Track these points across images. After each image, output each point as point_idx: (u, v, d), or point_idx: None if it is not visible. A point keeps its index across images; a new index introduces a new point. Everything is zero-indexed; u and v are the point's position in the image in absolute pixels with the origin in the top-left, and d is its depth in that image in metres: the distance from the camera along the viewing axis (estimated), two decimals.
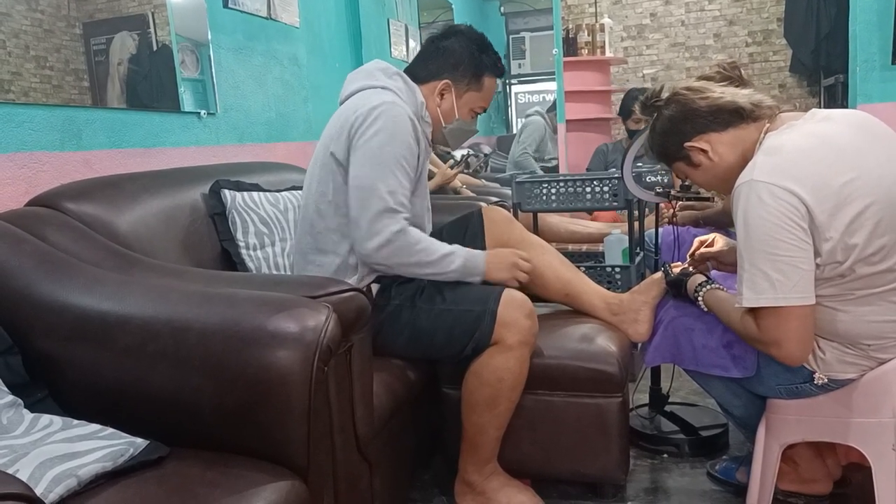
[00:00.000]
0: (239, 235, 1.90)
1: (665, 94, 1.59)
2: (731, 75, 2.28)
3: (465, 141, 2.03)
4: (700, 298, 1.67)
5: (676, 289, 1.77)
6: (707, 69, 1.70)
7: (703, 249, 1.85)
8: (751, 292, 1.38)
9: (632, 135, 3.67)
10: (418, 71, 1.88)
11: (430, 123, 1.86)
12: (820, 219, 1.33)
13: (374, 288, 1.77)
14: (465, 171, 3.75)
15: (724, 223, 2.66)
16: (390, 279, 1.77)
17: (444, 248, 1.72)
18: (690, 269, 1.78)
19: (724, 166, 1.52)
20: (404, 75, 1.85)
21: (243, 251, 1.90)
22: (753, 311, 1.42)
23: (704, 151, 1.53)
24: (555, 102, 4.59)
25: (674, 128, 1.56)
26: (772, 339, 1.40)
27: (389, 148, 1.67)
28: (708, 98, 1.52)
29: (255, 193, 2.02)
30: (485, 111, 1.96)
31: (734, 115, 1.50)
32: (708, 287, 1.67)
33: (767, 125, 1.48)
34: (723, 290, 1.65)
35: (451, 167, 3.41)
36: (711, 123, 1.51)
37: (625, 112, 3.74)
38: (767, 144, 1.43)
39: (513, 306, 1.67)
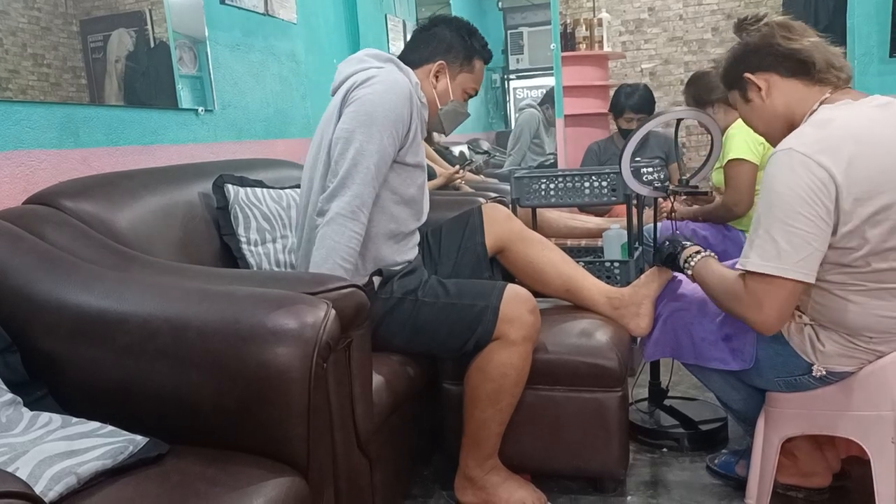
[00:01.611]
0: (241, 231, 1.90)
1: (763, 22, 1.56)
2: None
3: (459, 124, 2.04)
4: (690, 267, 1.65)
5: (668, 259, 1.75)
6: (705, 64, 1.69)
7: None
8: (757, 258, 1.38)
9: (624, 133, 3.64)
10: (411, 57, 1.89)
11: (425, 105, 1.86)
12: (846, 202, 1.32)
13: (376, 281, 1.77)
14: (470, 170, 3.75)
15: (721, 218, 2.66)
16: (392, 272, 1.77)
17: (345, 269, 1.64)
18: (684, 242, 1.74)
19: (771, 112, 1.51)
20: (397, 60, 1.85)
21: (244, 246, 1.89)
22: (745, 273, 1.42)
23: (760, 89, 1.52)
24: (546, 95, 4.59)
25: (745, 55, 1.55)
26: (755, 301, 1.40)
27: (382, 110, 1.67)
28: (791, 40, 1.49)
29: (258, 189, 2.01)
30: (476, 93, 1.98)
31: (802, 67, 1.47)
32: (702, 255, 1.64)
33: (827, 96, 1.46)
34: (714, 257, 1.64)
35: (466, 167, 3.43)
36: (779, 65, 1.49)
37: (616, 109, 3.69)
38: (819, 116, 1.42)
39: (516, 301, 1.67)
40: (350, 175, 1.64)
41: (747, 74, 1.53)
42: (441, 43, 1.88)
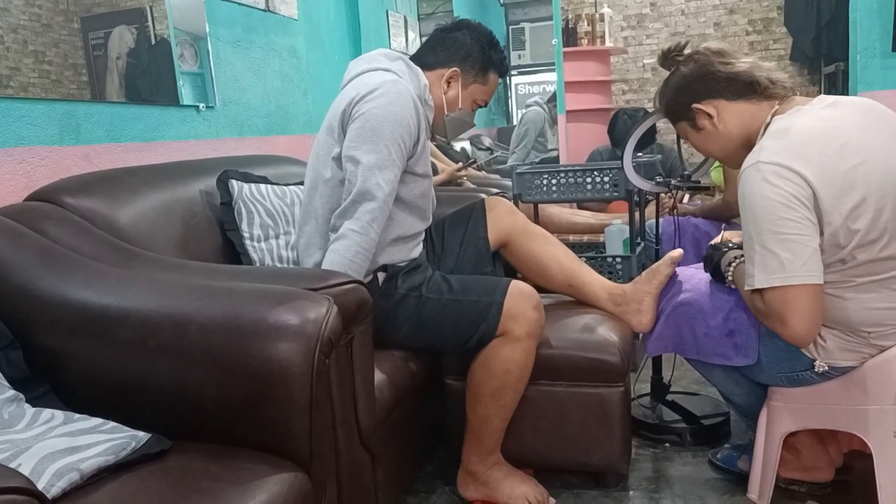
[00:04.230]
0: (244, 226, 1.90)
1: (688, 51, 1.58)
2: None
3: (463, 132, 2.03)
4: (731, 273, 1.61)
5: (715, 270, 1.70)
6: None
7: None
8: (763, 273, 1.38)
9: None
10: (426, 58, 1.88)
11: (432, 108, 1.85)
12: (824, 202, 1.33)
13: (380, 277, 1.77)
14: (474, 167, 3.76)
15: (723, 216, 2.66)
16: (397, 269, 1.77)
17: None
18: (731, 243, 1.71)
19: (726, 136, 1.52)
20: (407, 59, 1.85)
21: (247, 242, 1.89)
22: (762, 290, 1.41)
23: (710, 117, 1.52)
24: (555, 93, 4.59)
25: (687, 86, 1.55)
26: (778, 316, 1.39)
27: (388, 123, 1.66)
28: (728, 64, 1.51)
29: (262, 185, 2.01)
30: (486, 105, 1.97)
31: (748, 88, 1.49)
32: (738, 261, 1.60)
33: (776, 107, 1.47)
34: None
35: (471, 165, 3.43)
36: (724, 90, 1.51)
37: (614, 135, 3.63)
38: (775, 127, 1.43)
39: (520, 298, 1.67)
40: (361, 193, 1.64)
41: (695, 105, 1.54)
42: (460, 49, 1.87)
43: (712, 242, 1.75)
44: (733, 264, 1.61)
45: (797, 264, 1.34)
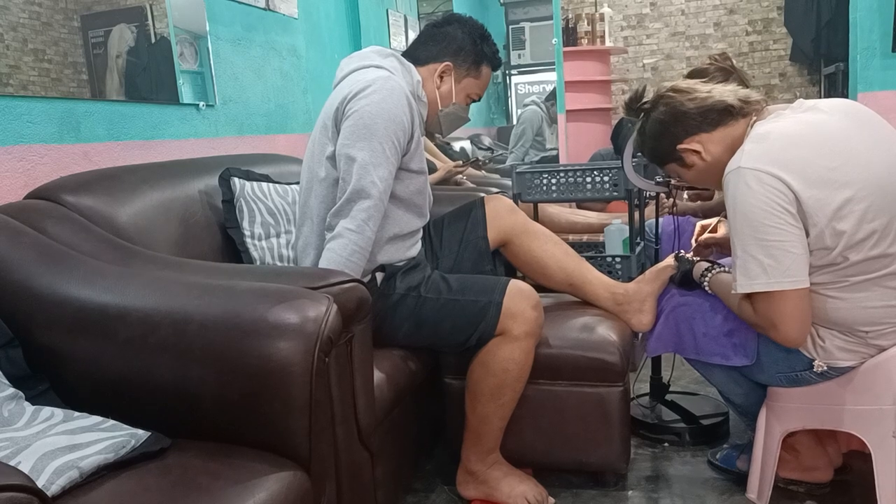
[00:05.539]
0: (245, 224, 1.89)
1: (648, 96, 1.60)
2: (724, 66, 2.29)
3: (458, 127, 2.02)
4: (706, 283, 1.68)
5: (685, 278, 1.78)
6: (706, 59, 1.70)
7: (706, 235, 1.87)
8: (744, 278, 1.41)
9: None
10: (418, 53, 1.88)
11: (425, 104, 1.85)
12: (807, 204, 1.34)
13: (379, 277, 1.77)
14: (473, 166, 3.75)
15: (724, 214, 2.66)
16: (395, 268, 1.77)
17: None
18: (695, 258, 1.79)
19: (717, 165, 1.52)
20: (399, 56, 1.85)
21: (248, 240, 1.89)
22: (750, 296, 1.44)
23: (697, 152, 1.53)
24: (552, 92, 4.58)
25: (664, 131, 1.57)
26: (768, 322, 1.43)
27: (381, 120, 1.65)
28: (696, 99, 1.52)
29: (263, 184, 2.01)
30: (479, 99, 1.97)
31: (723, 114, 1.51)
32: (714, 271, 1.68)
33: (755, 118, 1.49)
34: (728, 271, 1.65)
35: (471, 164, 3.41)
36: (701, 124, 1.52)
37: (618, 142, 3.64)
38: (755, 132, 1.45)
39: (519, 297, 1.67)
40: (356, 191, 1.63)
41: (679, 146, 1.55)
42: (451, 43, 1.86)
43: (678, 254, 1.82)
44: (709, 274, 1.68)
45: (780, 270, 1.36)
